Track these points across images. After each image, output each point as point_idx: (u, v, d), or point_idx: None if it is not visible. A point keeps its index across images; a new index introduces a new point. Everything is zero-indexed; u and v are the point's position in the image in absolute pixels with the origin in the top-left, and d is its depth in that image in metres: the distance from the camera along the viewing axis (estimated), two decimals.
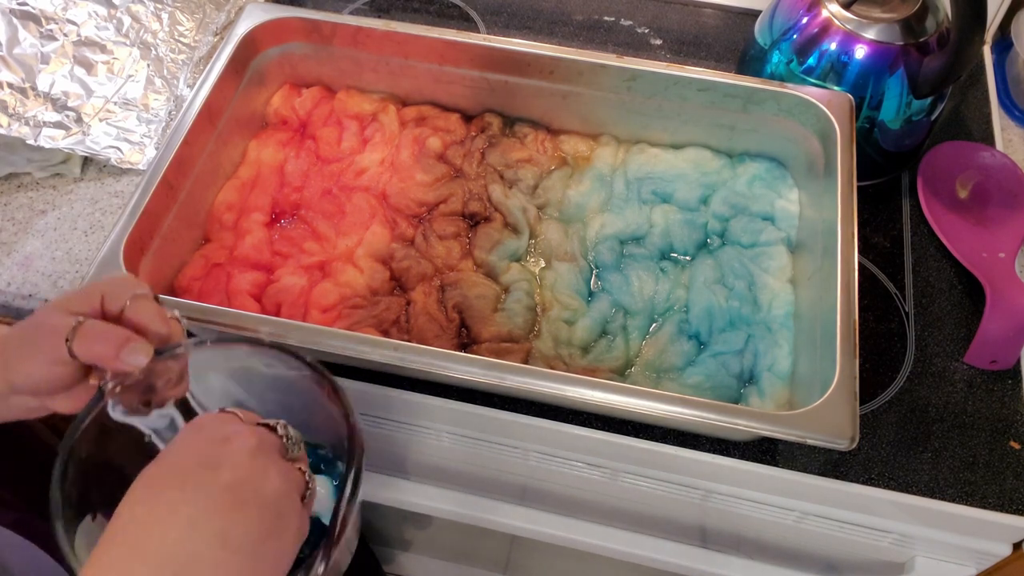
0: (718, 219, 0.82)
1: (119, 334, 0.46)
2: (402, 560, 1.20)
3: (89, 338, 0.46)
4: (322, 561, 0.44)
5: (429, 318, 0.75)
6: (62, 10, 0.92)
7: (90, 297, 0.48)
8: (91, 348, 0.46)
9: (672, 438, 0.71)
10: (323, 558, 0.44)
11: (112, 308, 0.48)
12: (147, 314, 0.48)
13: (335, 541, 0.45)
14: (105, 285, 0.49)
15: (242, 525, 0.41)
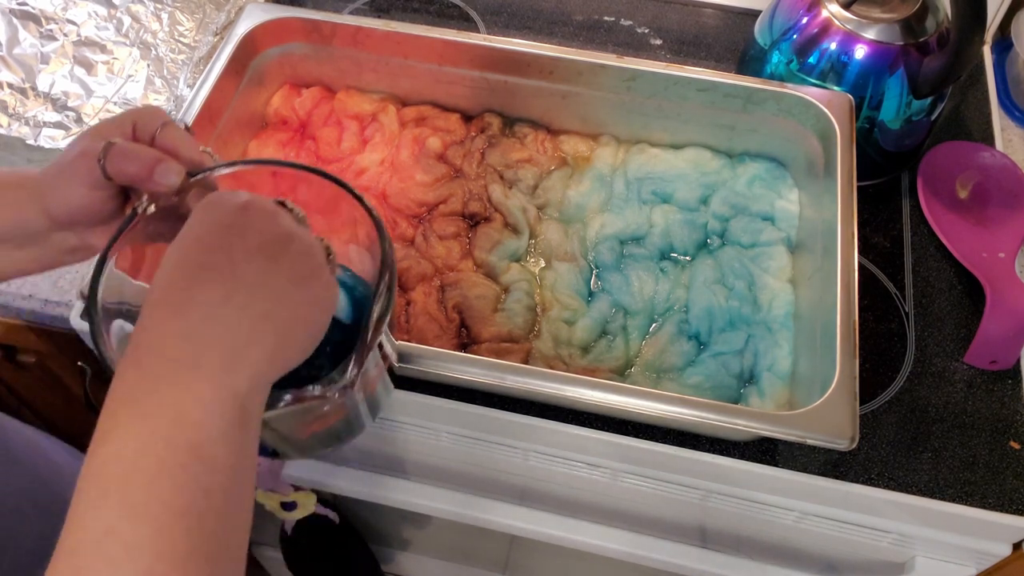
0: (718, 219, 0.82)
1: (151, 154, 0.47)
2: (401, 560, 1.20)
3: (121, 158, 0.46)
4: (355, 365, 0.44)
5: (429, 318, 0.75)
6: (62, 10, 0.92)
7: (122, 124, 0.48)
8: (124, 167, 0.46)
9: (672, 438, 0.71)
10: (356, 362, 0.44)
11: (143, 135, 0.48)
12: (178, 139, 0.48)
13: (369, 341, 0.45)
14: (136, 113, 0.49)
15: (278, 277, 0.41)
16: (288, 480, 0.85)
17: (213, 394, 0.37)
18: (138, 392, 0.37)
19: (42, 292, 0.79)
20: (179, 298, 0.39)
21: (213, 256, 0.40)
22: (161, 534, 0.33)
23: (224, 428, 0.37)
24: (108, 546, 0.33)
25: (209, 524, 0.35)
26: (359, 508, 1.04)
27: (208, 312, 0.39)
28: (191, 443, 0.36)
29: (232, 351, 0.38)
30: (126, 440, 0.35)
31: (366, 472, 0.85)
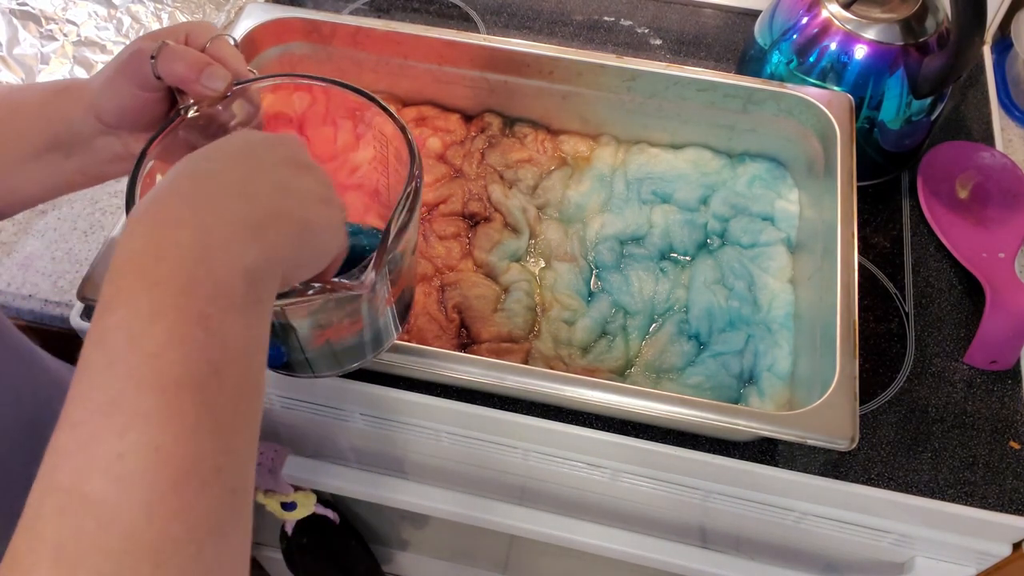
0: (718, 219, 0.82)
1: (201, 58, 0.48)
2: (401, 560, 1.20)
3: (173, 57, 0.48)
4: (375, 267, 0.45)
5: (429, 318, 0.75)
6: (62, 10, 0.92)
7: (175, 32, 0.50)
8: (174, 68, 0.48)
9: (672, 438, 0.71)
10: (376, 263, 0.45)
11: (195, 44, 0.50)
12: (227, 51, 0.50)
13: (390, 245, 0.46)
14: (188, 24, 0.51)
15: (303, 184, 0.41)
16: (288, 480, 0.85)
17: (226, 267, 0.36)
18: (147, 259, 0.35)
19: (42, 292, 0.79)
20: (202, 170, 0.39)
21: (242, 152, 0.41)
22: (169, 404, 0.32)
23: (236, 303, 0.36)
24: (114, 416, 0.32)
25: (217, 398, 0.34)
26: (359, 508, 1.04)
27: (230, 187, 0.38)
28: (202, 314, 0.34)
29: (248, 227, 0.37)
30: (133, 309, 0.34)
31: (366, 472, 0.85)
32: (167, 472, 0.31)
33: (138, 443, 0.31)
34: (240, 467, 0.35)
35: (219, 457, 0.33)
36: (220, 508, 0.33)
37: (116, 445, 0.31)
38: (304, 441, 0.88)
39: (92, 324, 0.34)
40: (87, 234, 0.83)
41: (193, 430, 0.32)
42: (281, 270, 0.39)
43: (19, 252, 0.82)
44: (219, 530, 0.33)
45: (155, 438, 0.32)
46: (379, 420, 0.78)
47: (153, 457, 0.31)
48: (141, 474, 0.31)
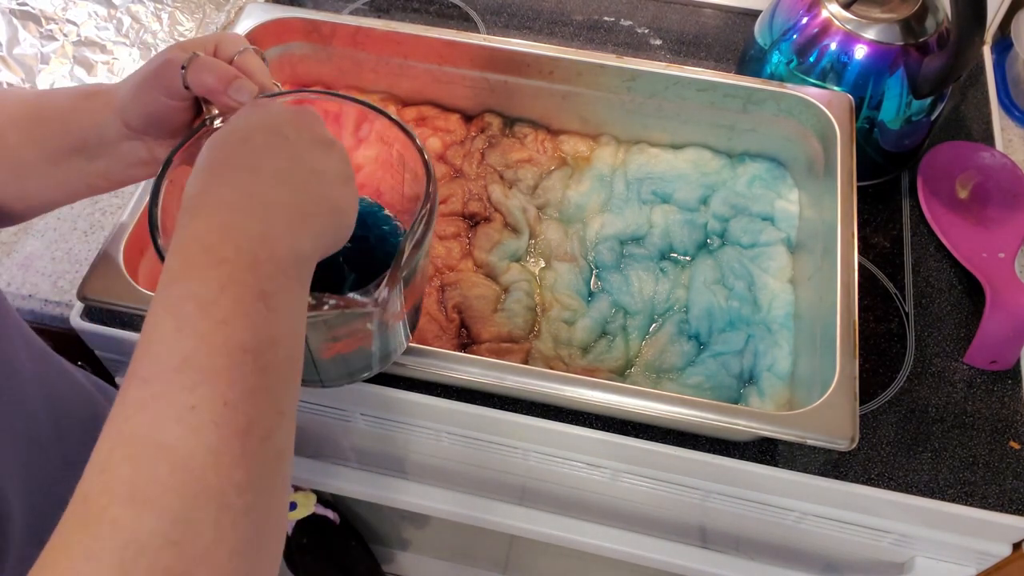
0: (718, 219, 0.82)
1: (229, 70, 0.50)
2: (401, 560, 1.20)
3: (202, 69, 0.49)
4: (388, 284, 0.47)
5: (429, 318, 0.75)
6: (62, 10, 0.92)
7: (205, 44, 0.52)
8: (203, 79, 0.49)
9: (672, 438, 0.71)
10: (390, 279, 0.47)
11: (223, 56, 0.52)
12: (255, 65, 0.52)
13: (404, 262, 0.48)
14: (219, 36, 0.53)
15: (329, 166, 0.44)
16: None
17: (283, 252, 0.39)
18: (212, 239, 0.38)
19: (42, 292, 0.79)
20: (246, 162, 0.41)
21: (275, 137, 0.43)
22: (234, 367, 0.35)
23: (290, 284, 0.39)
24: (185, 372, 0.34)
25: (274, 365, 0.37)
26: (359, 508, 1.04)
27: (277, 178, 0.41)
28: (264, 291, 0.37)
29: (298, 216, 0.41)
30: (202, 281, 0.37)
31: (366, 472, 0.85)
32: (234, 425, 0.34)
33: (209, 397, 0.34)
34: (287, 431, 0.38)
35: (273, 419, 0.36)
36: (271, 465, 0.36)
37: (188, 398, 0.34)
38: (304, 441, 0.88)
39: (158, 293, 0.37)
40: (87, 234, 0.83)
41: (254, 391, 0.35)
42: (321, 253, 0.43)
43: (19, 252, 0.82)
44: (270, 485, 0.35)
45: (224, 394, 0.34)
46: (379, 420, 0.78)
47: (222, 410, 0.34)
48: (211, 425, 0.33)
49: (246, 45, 0.53)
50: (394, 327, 0.57)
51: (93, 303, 0.66)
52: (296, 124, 0.44)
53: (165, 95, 0.50)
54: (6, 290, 0.80)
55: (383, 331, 0.56)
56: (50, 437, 0.56)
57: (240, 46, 0.52)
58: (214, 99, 0.50)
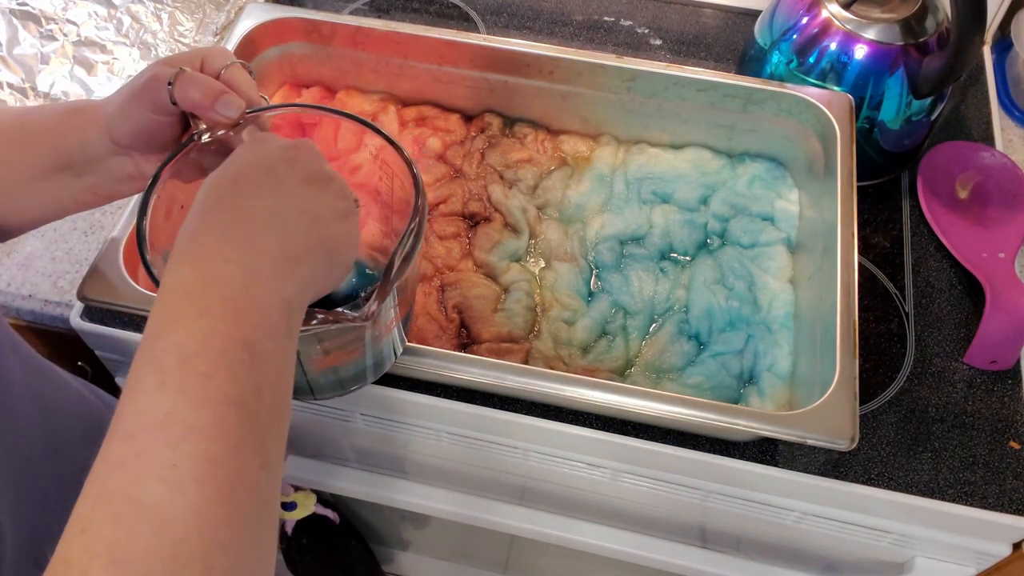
0: (718, 219, 0.82)
1: (216, 86, 0.50)
2: (402, 560, 1.20)
3: (188, 85, 0.49)
4: (378, 298, 0.47)
5: (429, 318, 0.75)
6: (62, 10, 0.92)
7: (191, 58, 0.52)
8: (189, 94, 0.49)
9: (672, 438, 0.71)
10: (379, 294, 0.47)
11: (210, 70, 0.51)
12: (241, 79, 0.52)
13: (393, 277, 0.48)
14: (205, 50, 0.53)
15: (323, 206, 0.44)
16: (288, 480, 0.85)
17: (268, 299, 0.39)
18: (197, 289, 0.38)
19: (42, 292, 0.79)
20: (235, 205, 0.42)
21: (266, 177, 0.43)
22: (217, 420, 0.35)
23: (275, 331, 0.39)
24: (168, 429, 0.34)
25: (259, 416, 0.37)
26: (359, 508, 1.04)
27: (265, 223, 0.41)
28: (247, 340, 0.37)
29: (285, 261, 0.41)
30: (186, 333, 0.36)
31: (366, 472, 0.85)
32: (216, 482, 0.34)
33: (192, 454, 0.34)
34: (273, 480, 0.37)
35: (259, 470, 0.36)
36: (258, 516, 0.35)
37: (170, 456, 0.33)
38: (304, 441, 0.88)
39: (142, 345, 0.37)
40: (87, 234, 0.83)
41: (239, 444, 0.35)
42: (310, 297, 0.43)
43: (19, 252, 0.82)
44: (257, 536, 0.35)
45: (207, 450, 0.34)
46: (379, 420, 0.78)
47: (205, 467, 0.34)
48: (194, 483, 0.33)
49: (233, 59, 0.52)
50: (386, 338, 0.57)
51: (93, 303, 0.66)
52: (290, 162, 0.44)
53: (152, 111, 0.50)
54: (6, 290, 0.80)
55: (375, 343, 0.56)
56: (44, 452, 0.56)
57: (227, 60, 0.52)
58: (201, 114, 0.50)
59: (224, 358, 0.36)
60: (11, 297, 0.79)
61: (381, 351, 0.58)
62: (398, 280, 0.49)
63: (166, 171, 0.50)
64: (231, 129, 0.51)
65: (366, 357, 0.57)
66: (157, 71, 0.50)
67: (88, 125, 0.52)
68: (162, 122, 0.51)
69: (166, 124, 0.51)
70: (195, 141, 0.51)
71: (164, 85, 0.49)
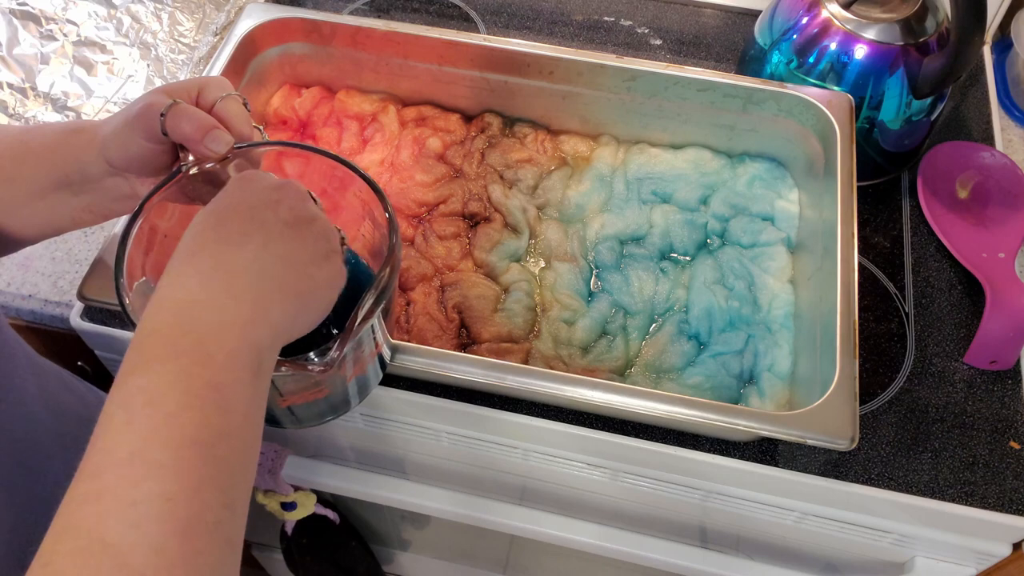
0: (718, 219, 0.82)
1: (206, 121, 0.50)
2: (402, 560, 1.20)
3: (180, 117, 0.50)
4: (337, 348, 0.47)
5: (429, 318, 0.75)
6: (62, 10, 0.92)
7: (188, 89, 0.53)
8: (180, 127, 0.50)
9: (672, 438, 0.71)
10: (339, 345, 0.48)
11: (205, 102, 0.52)
12: (235, 113, 0.52)
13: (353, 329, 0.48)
14: (203, 80, 0.54)
15: (302, 250, 0.45)
16: (288, 480, 0.85)
17: (238, 343, 0.40)
18: (173, 332, 0.39)
19: (42, 292, 0.79)
20: (217, 250, 0.43)
21: (248, 222, 0.44)
22: (181, 460, 0.35)
23: (243, 375, 0.40)
24: (131, 467, 0.35)
25: (223, 457, 0.37)
26: (359, 508, 1.04)
27: (244, 269, 0.42)
28: (215, 383, 0.38)
29: (258, 307, 0.42)
30: (156, 375, 0.38)
31: (366, 472, 0.85)
32: (176, 521, 0.34)
33: (152, 493, 0.34)
34: (236, 521, 0.38)
35: (221, 511, 0.36)
36: (218, 557, 0.36)
37: (132, 493, 0.34)
38: (304, 441, 0.88)
39: (115, 385, 0.38)
40: (87, 234, 0.83)
41: (200, 484, 0.36)
42: (282, 340, 0.44)
43: (19, 252, 0.82)
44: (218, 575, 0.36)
45: (167, 489, 0.35)
46: (379, 420, 0.78)
47: (164, 506, 0.34)
48: (153, 521, 0.34)
49: (229, 91, 0.53)
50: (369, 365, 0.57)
51: (93, 303, 0.66)
52: (274, 205, 0.45)
53: (144, 138, 0.51)
54: (6, 290, 0.80)
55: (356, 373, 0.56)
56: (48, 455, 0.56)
57: (223, 91, 0.53)
58: (190, 147, 0.51)
59: (191, 399, 0.37)
60: (11, 297, 0.79)
61: (365, 378, 0.58)
62: (363, 328, 0.49)
63: (150, 202, 0.50)
64: (219, 163, 0.52)
65: (348, 387, 0.57)
66: (152, 100, 0.51)
67: (86, 146, 0.52)
68: (155, 149, 0.51)
69: (159, 151, 0.52)
70: (183, 173, 0.51)
71: (157, 115, 0.50)
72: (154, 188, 0.51)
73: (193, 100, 0.52)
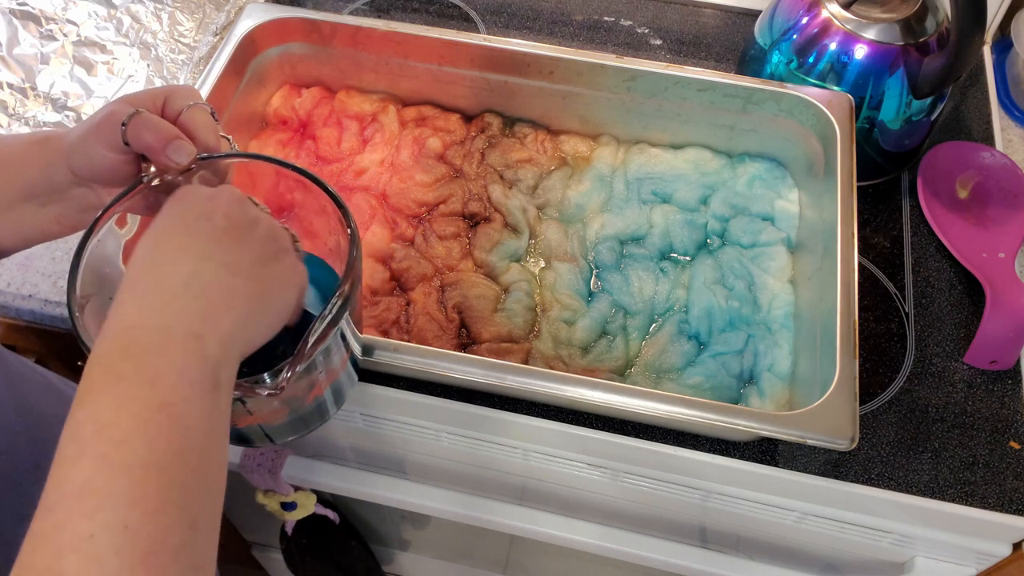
0: (718, 219, 0.82)
1: (170, 130, 0.49)
2: (402, 560, 1.20)
3: (141, 127, 0.49)
4: (290, 369, 0.46)
5: (429, 318, 0.75)
6: (62, 10, 0.92)
7: (154, 97, 0.51)
8: (141, 136, 0.49)
9: (672, 438, 0.71)
10: (291, 366, 0.46)
11: (171, 111, 0.51)
12: (200, 122, 0.51)
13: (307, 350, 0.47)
14: (169, 89, 0.52)
15: (245, 254, 0.44)
16: (288, 480, 0.85)
17: (185, 360, 0.39)
18: (114, 358, 0.39)
19: (42, 292, 0.79)
20: (154, 274, 0.42)
21: (183, 236, 0.43)
22: (134, 486, 0.35)
23: (195, 391, 0.39)
24: (85, 499, 0.34)
25: (182, 478, 0.37)
26: (359, 508, 1.04)
27: (183, 284, 0.41)
28: (164, 403, 0.37)
29: (203, 319, 0.41)
30: (102, 403, 0.37)
31: (366, 472, 0.85)
32: (136, 549, 0.34)
33: (108, 523, 0.34)
34: (202, 543, 0.37)
35: (184, 532, 0.36)
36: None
37: (87, 526, 0.33)
38: (304, 441, 0.88)
39: (67, 419, 0.37)
40: None
41: (159, 509, 0.35)
42: (239, 350, 0.43)
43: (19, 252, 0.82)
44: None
45: (123, 517, 0.34)
46: (379, 420, 0.78)
47: (122, 535, 0.34)
48: (112, 552, 0.33)
49: (196, 100, 0.52)
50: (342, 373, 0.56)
51: None
52: (207, 216, 0.44)
53: (107, 148, 0.50)
54: (6, 290, 0.80)
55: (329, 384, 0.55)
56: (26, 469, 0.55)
57: (190, 100, 0.52)
58: (152, 158, 0.50)
59: (140, 423, 0.36)
60: (11, 297, 0.79)
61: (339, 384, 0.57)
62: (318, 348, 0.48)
63: (108, 214, 0.49)
64: (182, 174, 0.51)
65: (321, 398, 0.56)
66: (114, 109, 0.50)
67: (52, 156, 0.51)
68: (118, 159, 0.50)
69: (122, 161, 0.50)
70: (144, 183, 0.50)
71: (119, 124, 0.49)
72: (113, 200, 0.50)
73: (158, 109, 0.51)
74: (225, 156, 0.53)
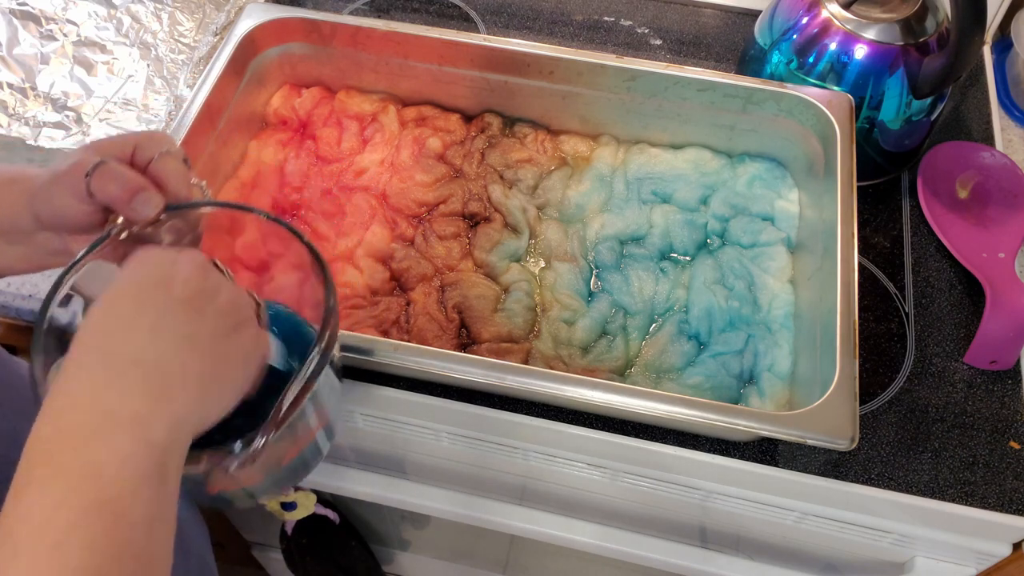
0: (718, 219, 0.82)
1: (136, 181, 0.47)
2: (402, 560, 1.20)
3: (106, 178, 0.47)
4: (263, 435, 0.44)
5: (429, 318, 0.75)
6: (62, 10, 0.92)
7: (123, 145, 0.49)
8: (106, 187, 0.47)
9: (672, 438, 0.71)
10: (264, 432, 0.44)
11: (140, 159, 0.49)
12: (171, 171, 0.49)
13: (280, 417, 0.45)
14: (140, 136, 0.50)
15: (202, 327, 0.41)
16: None
17: (130, 447, 0.37)
18: (54, 446, 0.36)
19: (42, 292, 0.79)
20: (100, 344, 0.40)
21: (137, 306, 0.41)
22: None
23: (140, 482, 0.36)
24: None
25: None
26: (359, 508, 1.04)
27: (133, 362, 0.39)
28: (104, 499, 0.35)
29: (152, 400, 0.38)
30: (39, 497, 0.35)
31: (366, 472, 0.85)
32: None
33: None
34: None
35: None
36: None
37: None
38: None
39: (3, 510, 0.35)
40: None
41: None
42: (190, 430, 0.40)
43: None
44: None
45: None
46: (379, 420, 0.78)
47: None
48: None
49: (168, 147, 0.50)
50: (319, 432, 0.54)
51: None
52: (165, 284, 0.42)
53: (71, 198, 0.48)
54: (6, 290, 0.80)
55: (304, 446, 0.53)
56: None
57: (160, 148, 0.49)
58: (118, 210, 0.48)
59: (78, 523, 0.34)
60: (11, 297, 0.79)
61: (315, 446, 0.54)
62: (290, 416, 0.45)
63: (76, 270, 0.47)
64: (151, 225, 0.48)
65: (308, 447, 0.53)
66: (80, 159, 0.48)
67: (18, 198, 0.50)
68: (83, 209, 0.48)
69: (87, 211, 0.48)
70: (112, 237, 0.48)
71: (83, 176, 0.47)
72: (79, 255, 0.47)
73: (127, 157, 0.49)
74: (194, 205, 0.50)
